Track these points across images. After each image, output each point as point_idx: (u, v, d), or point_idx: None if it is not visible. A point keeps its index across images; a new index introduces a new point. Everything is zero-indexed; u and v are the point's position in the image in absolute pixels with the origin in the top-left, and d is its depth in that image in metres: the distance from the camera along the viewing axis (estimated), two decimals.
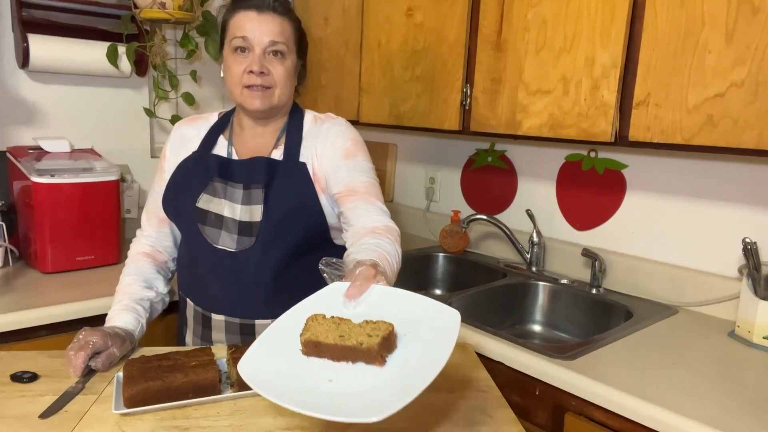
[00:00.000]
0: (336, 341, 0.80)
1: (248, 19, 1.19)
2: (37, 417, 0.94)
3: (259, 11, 1.20)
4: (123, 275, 1.32)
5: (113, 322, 1.19)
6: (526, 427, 1.14)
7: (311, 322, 0.84)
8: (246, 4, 1.21)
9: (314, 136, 1.28)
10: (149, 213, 1.37)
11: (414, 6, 1.74)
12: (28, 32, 1.74)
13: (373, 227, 1.13)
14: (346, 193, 1.20)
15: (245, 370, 0.77)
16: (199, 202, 1.25)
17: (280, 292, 1.22)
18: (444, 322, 0.82)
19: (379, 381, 0.77)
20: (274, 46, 1.20)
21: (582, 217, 1.81)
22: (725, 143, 1.17)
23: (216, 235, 1.23)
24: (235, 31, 1.21)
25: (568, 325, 1.69)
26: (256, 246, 1.21)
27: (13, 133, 1.84)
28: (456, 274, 2.03)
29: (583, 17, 1.36)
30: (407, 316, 0.84)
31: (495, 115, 1.57)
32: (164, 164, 1.34)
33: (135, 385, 0.95)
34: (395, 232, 1.15)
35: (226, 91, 1.33)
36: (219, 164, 1.27)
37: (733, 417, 1.02)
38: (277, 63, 1.22)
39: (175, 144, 1.34)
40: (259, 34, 1.19)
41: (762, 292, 1.34)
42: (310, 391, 0.75)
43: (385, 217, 1.18)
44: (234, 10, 1.22)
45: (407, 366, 0.79)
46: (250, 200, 1.23)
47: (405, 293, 0.88)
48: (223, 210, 1.24)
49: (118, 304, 1.24)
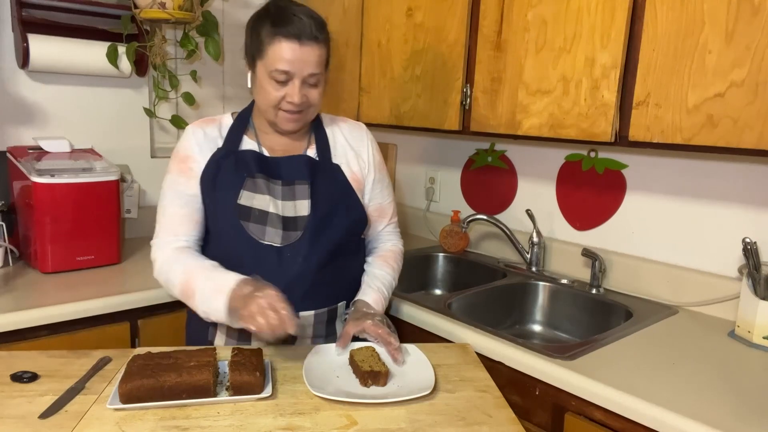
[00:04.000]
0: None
1: (291, 51, 1.18)
2: (37, 417, 0.94)
3: (301, 42, 1.18)
4: (178, 267, 1.22)
5: (232, 282, 1.14)
6: (526, 427, 1.15)
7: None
8: (288, 32, 1.17)
9: (342, 141, 1.37)
10: (182, 217, 1.28)
11: (414, 6, 1.74)
12: (28, 32, 1.74)
13: (385, 255, 1.42)
14: (375, 214, 1.41)
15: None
16: (240, 198, 1.24)
17: (320, 284, 1.27)
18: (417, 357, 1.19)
19: (394, 384, 1.09)
20: (313, 77, 1.22)
21: (582, 217, 1.81)
22: (725, 143, 1.17)
23: (261, 231, 1.24)
24: (276, 62, 1.18)
25: (568, 325, 1.69)
26: (302, 240, 1.25)
27: (13, 133, 1.84)
28: (456, 274, 2.03)
29: (583, 17, 1.36)
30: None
31: (495, 115, 1.57)
32: (192, 166, 1.28)
33: (129, 381, 0.96)
34: (400, 254, 1.46)
35: (260, 108, 1.28)
36: (258, 160, 1.27)
37: (733, 417, 1.01)
38: (313, 88, 1.24)
39: (201, 144, 1.29)
40: (300, 67, 1.19)
41: (762, 292, 1.34)
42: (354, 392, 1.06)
43: (395, 238, 1.48)
44: (275, 35, 1.18)
45: (406, 379, 1.12)
46: (294, 195, 1.27)
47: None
48: (268, 206, 1.25)
49: (214, 277, 1.18)
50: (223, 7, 2.23)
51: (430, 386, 1.05)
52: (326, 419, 0.96)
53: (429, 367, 1.13)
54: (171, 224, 1.28)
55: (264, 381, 1.03)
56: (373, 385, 1.08)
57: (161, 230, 1.29)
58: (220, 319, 1.16)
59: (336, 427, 0.94)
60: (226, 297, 1.13)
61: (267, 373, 1.07)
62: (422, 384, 1.07)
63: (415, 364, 1.16)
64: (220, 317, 1.15)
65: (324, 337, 1.30)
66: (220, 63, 2.25)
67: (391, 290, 1.39)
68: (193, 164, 1.28)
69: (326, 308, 1.29)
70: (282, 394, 1.04)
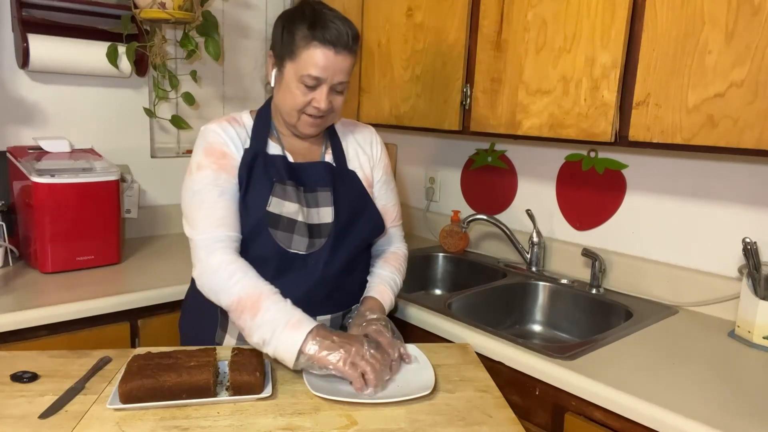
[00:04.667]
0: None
1: (325, 58, 1.17)
2: (37, 417, 0.94)
3: (336, 50, 1.17)
4: (245, 278, 1.15)
5: (308, 324, 1.10)
6: (526, 427, 1.15)
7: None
8: (324, 38, 1.16)
9: (355, 145, 1.39)
10: (231, 212, 1.21)
11: (414, 6, 1.74)
12: (28, 32, 1.74)
13: (389, 257, 1.42)
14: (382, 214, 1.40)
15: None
16: (270, 205, 1.21)
17: (338, 289, 1.28)
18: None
19: (394, 385, 1.10)
20: (341, 85, 1.22)
21: (582, 217, 1.81)
22: (725, 143, 1.17)
23: (288, 240, 1.23)
24: (309, 66, 1.17)
25: (568, 325, 1.69)
26: (325, 246, 1.25)
27: (13, 133, 1.84)
28: (456, 274, 2.03)
29: (583, 17, 1.36)
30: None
31: (495, 115, 1.57)
32: (232, 162, 1.23)
33: (129, 381, 0.96)
34: (403, 258, 1.46)
35: (281, 110, 1.26)
36: (287, 167, 1.26)
37: (733, 417, 1.01)
38: (339, 95, 1.24)
39: (235, 141, 1.25)
40: (332, 74, 1.19)
41: (762, 292, 1.34)
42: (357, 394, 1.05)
43: (399, 242, 1.48)
44: (312, 39, 1.16)
45: (406, 379, 1.12)
46: (318, 202, 1.27)
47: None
48: (297, 214, 1.23)
49: (291, 313, 1.12)
50: (223, 7, 2.23)
51: (430, 386, 1.05)
52: (326, 419, 0.96)
53: (429, 367, 1.13)
54: (219, 218, 1.19)
55: (264, 381, 1.03)
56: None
57: (209, 227, 1.19)
58: (282, 353, 1.08)
59: (336, 427, 0.94)
60: (302, 335, 1.07)
61: (267, 373, 1.07)
62: (422, 384, 1.07)
63: (415, 364, 1.16)
64: (287, 349, 1.07)
65: None
66: (220, 63, 2.25)
67: (397, 289, 1.38)
68: (231, 160, 1.23)
69: (341, 312, 1.31)
70: (282, 394, 1.04)
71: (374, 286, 1.34)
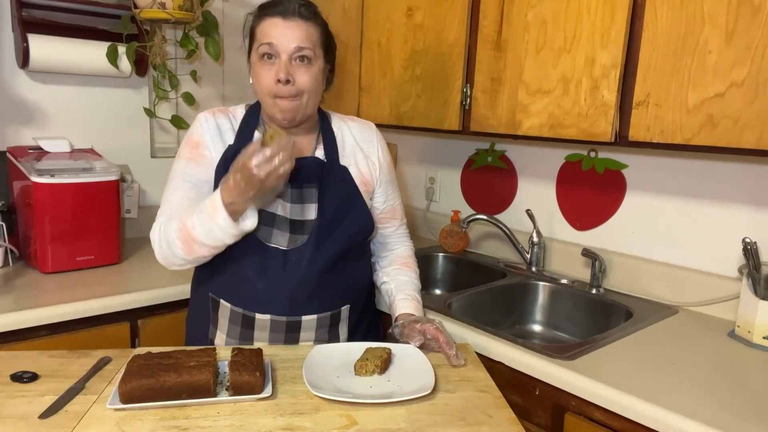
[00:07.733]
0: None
1: (274, 26, 1.20)
2: (37, 417, 0.94)
3: (285, 17, 1.20)
4: (171, 227, 1.18)
5: (215, 194, 1.11)
6: (526, 427, 1.15)
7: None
8: (272, 11, 1.21)
9: (352, 141, 1.36)
10: (191, 201, 1.22)
11: (414, 6, 1.74)
12: (28, 32, 1.74)
13: (404, 260, 1.45)
14: (388, 215, 1.44)
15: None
16: None
17: (324, 288, 1.26)
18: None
19: (394, 384, 1.10)
20: (300, 51, 1.21)
21: (582, 217, 1.81)
22: (725, 143, 1.17)
23: (268, 234, 1.23)
24: (262, 38, 1.21)
25: (568, 325, 1.69)
26: (308, 244, 1.24)
27: (13, 133, 1.84)
28: (456, 274, 2.03)
29: (583, 17, 1.36)
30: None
31: (495, 115, 1.57)
32: (204, 153, 1.26)
33: (129, 381, 0.96)
34: (414, 258, 1.48)
35: (260, 100, 1.27)
36: None
37: (733, 417, 1.01)
38: (304, 69, 1.22)
39: (213, 134, 1.27)
40: (285, 41, 1.19)
41: (762, 292, 1.34)
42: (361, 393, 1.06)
43: (407, 241, 1.51)
44: (260, 17, 1.23)
45: (406, 379, 1.12)
46: (302, 199, 1.26)
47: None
48: (277, 208, 1.24)
49: (200, 207, 1.14)
50: (223, 7, 2.23)
51: (430, 386, 1.05)
52: (326, 419, 0.96)
53: (429, 367, 1.13)
54: (177, 209, 1.22)
55: (264, 381, 1.03)
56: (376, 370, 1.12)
57: (163, 214, 1.23)
58: (233, 234, 1.12)
59: (336, 427, 0.94)
60: (221, 207, 1.09)
61: (267, 373, 1.07)
62: (422, 384, 1.07)
63: (415, 364, 1.16)
64: (230, 230, 1.11)
65: (326, 341, 1.29)
66: (220, 63, 2.25)
67: (420, 295, 1.40)
68: (205, 151, 1.26)
69: (329, 312, 1.29)
70: (282, 394, 1.04)
71: (405, 301, 1.35)
